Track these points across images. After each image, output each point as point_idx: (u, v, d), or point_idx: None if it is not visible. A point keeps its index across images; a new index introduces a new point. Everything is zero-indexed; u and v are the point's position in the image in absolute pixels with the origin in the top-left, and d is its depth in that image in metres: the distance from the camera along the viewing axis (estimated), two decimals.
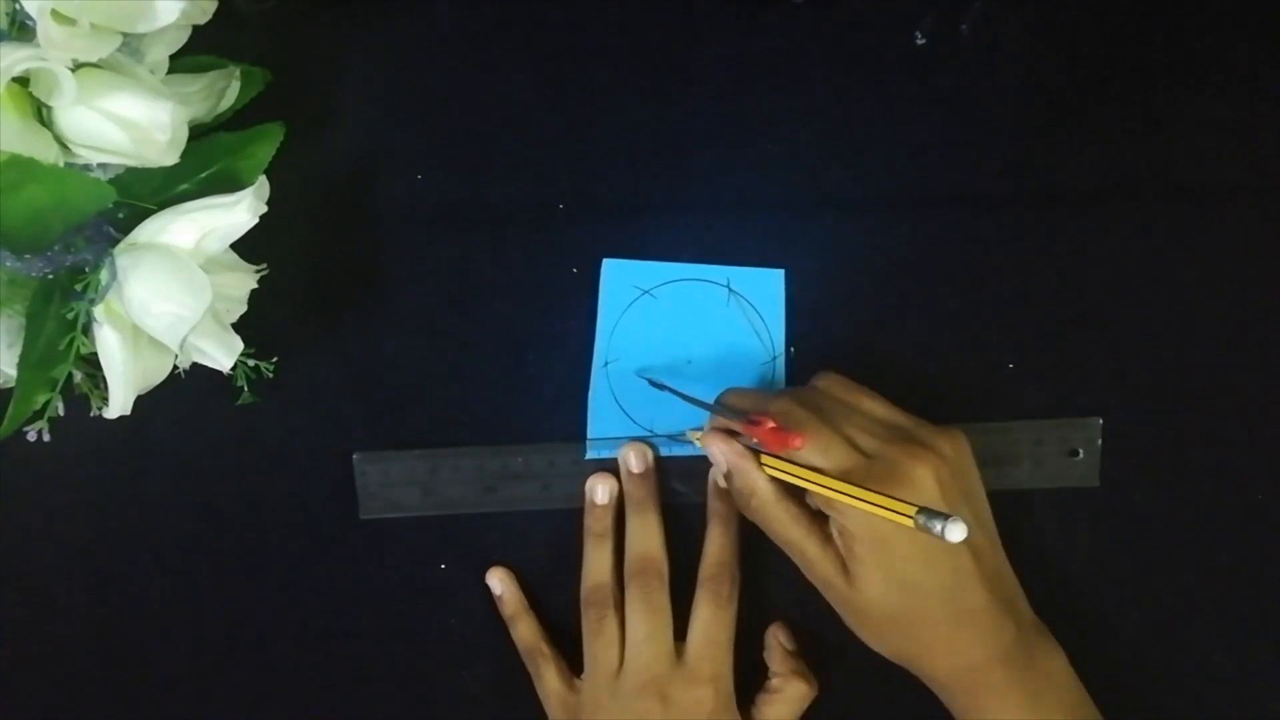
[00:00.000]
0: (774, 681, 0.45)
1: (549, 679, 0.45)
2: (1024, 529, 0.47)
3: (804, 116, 0.49)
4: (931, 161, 0.49)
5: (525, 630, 0.46)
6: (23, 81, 0.35)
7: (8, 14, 0.35)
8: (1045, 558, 0.46)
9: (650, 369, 0.47)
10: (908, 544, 0.38)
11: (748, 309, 0.47)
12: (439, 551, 0.47)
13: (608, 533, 0.46)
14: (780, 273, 0.47)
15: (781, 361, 0.47)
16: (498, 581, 0.46)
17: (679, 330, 0.47)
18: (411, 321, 0.47)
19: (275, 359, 0.43)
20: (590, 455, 0.47)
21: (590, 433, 0.47)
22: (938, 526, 0.35)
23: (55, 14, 0.33)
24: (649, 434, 0.46)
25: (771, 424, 0.39)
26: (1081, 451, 0.47)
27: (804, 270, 0.48)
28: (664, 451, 0.47)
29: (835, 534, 0.39)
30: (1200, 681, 0.45)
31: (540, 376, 0.47)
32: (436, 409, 0.47)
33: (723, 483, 0.44)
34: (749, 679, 0.46)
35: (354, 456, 0.46)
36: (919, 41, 0.49)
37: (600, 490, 0.46)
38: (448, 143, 0.48)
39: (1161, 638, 0.46)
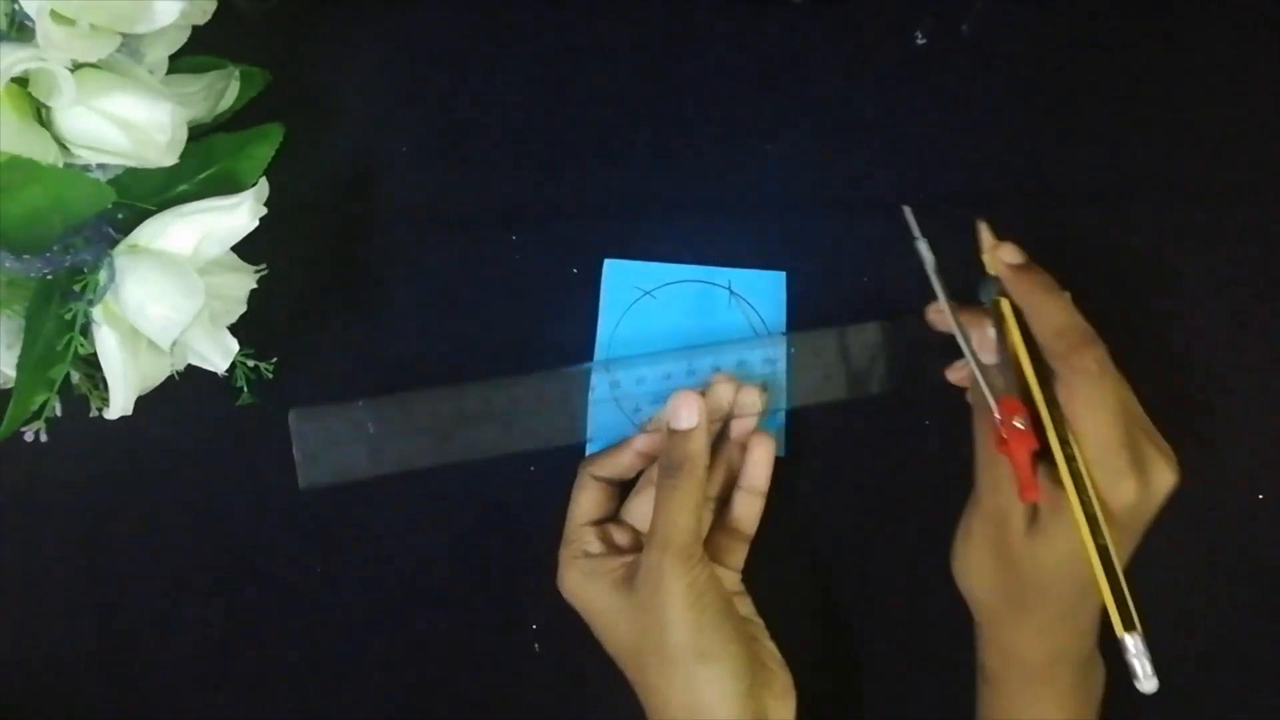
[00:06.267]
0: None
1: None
2: None
3: (804, 116, 0.49)
4: (931, 161, 0.49)
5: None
6: (22, 82, 0.35)
7: (7, 14, 0.35)
8: None
9: (651, 370, 0.47)
10: (1112, 530, 0.37)
11: (749, 311, 0.47)
12: (445, 551, 0.47)
13: (700, 469, 0.39)
14: (782, 275, 0.47)
15: (782, 364, 0.47)
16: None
17: (680, 331, 0.47)
18: (411, 321, 0.47)
19: (275, 359, 0.43)
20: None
21: (589, 433, 0.47)
22: (1136, 665, 0.36)
23: (55, 14, 0.33)
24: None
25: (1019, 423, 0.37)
26: None
27: (804, 271, 0.47)
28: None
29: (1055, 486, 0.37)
30: (1200, 683, 0.45)
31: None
32: None
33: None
34: None
35: (290, 414, 0.42)
36: (919, 41, 0.49)
37: (684, 414, 0.39)
38: (448, 143, 0.48)
39: (1159, 639, 0.46)
